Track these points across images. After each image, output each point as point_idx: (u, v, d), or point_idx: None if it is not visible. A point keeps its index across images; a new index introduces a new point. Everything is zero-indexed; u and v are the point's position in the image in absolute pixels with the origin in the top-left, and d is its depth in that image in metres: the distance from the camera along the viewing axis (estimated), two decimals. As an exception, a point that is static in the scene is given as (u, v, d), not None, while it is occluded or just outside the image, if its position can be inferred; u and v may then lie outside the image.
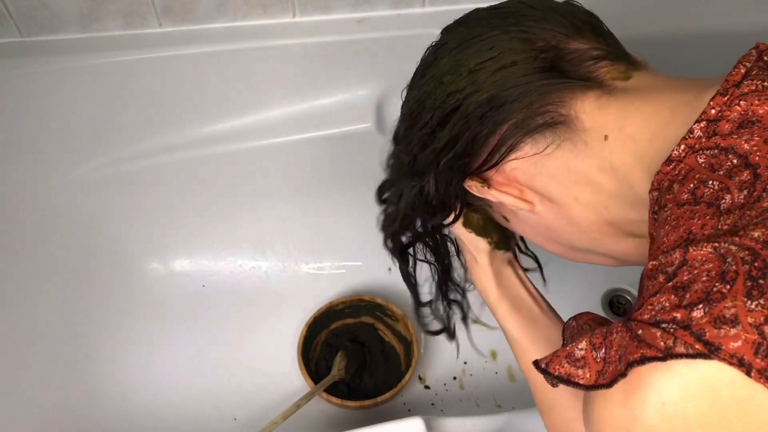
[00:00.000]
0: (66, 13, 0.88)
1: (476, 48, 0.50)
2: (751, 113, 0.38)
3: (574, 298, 1.02)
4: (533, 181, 0.51)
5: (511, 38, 0.49)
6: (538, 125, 0.48)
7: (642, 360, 0.33)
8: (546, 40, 0.49)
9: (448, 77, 0.51)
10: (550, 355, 0.41)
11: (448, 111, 0.51)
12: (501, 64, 0.49)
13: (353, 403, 0.91)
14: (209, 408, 0.95)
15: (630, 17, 0.97)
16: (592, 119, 0.47)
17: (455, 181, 0.54)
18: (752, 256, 0.32)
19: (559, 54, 0.48)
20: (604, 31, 0.52)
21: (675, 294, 0.33)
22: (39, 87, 0.91)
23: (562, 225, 0.52)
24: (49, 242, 0.97)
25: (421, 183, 0.55)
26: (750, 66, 0.41)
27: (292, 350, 0.98)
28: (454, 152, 0.52)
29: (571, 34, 0.49)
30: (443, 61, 0.52)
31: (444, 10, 0.94)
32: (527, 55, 0.48)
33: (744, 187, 0.36)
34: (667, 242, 0.37)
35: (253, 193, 1.05)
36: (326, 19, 0.93)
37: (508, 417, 0.75)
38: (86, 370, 0.95)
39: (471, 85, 0.49)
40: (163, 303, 1.04)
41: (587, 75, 0.48)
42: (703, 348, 0.30)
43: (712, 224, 0.35)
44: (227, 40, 0.92)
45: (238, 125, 0.99)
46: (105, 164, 0.98)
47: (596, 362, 0.37)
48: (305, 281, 1.08)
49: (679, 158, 0.40)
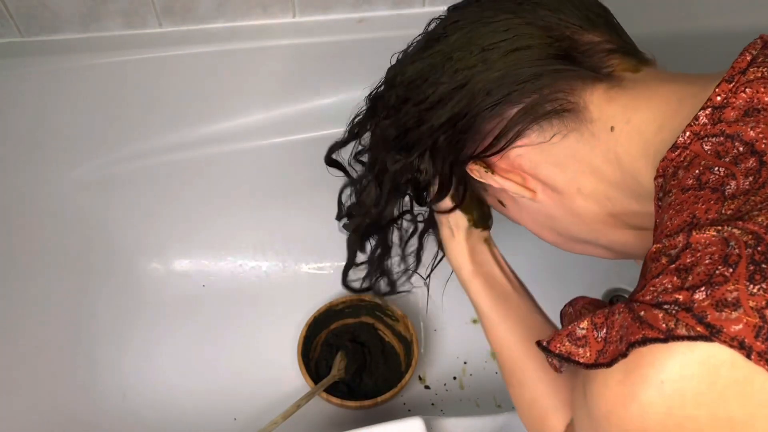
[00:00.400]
0: (66, 13, 0.88)
1: (491, 28, 0.49)
2: (756, 100, 0.38)
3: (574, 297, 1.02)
4: (537, 170, 0.50)
5: (527, 23, 0.49)
6: (546, 112, 0.48)
7: (643, 341, 0.33)
8: (561, 29, 0.49)
9: (458, 53, 0.49)
10: (552, 333, 0.41)
11: (454, 86, 0.49)
12: (516, 46, 0.48)
13: (353, 403, 0.91)
14: (209, 408, 0.95)
15: (630, 17, 0.97)
16: (600, 110, 0.47)
17: (454, 161, 0.53)
18: (755, 241, 0.32)
19: (573, 44, 0.48)
20: (617, 25, 0.52)
21: (677, 276, 0.33)
22: (39, 87, 0.91)
23: (563, 214, 0.52)
24: (48, 242, 0.97)
25: (408, 158, 0.54)
26: (756, 53, 0.41)
27: (292, 350, 0.98)
28: (453, 130, 0.50)
29: (586, 26, 0.49)
30: (454, 36, 0.51)
31: (444, 10, 0.94)
32: (542, 41, 0.48)
33: (750, 174, 0.36)
34: (671, 226, 0.37)
35: (253, 192, 1.05)
36: (326, 19, 0.93)
37: (508, 417, 0.75)
38: (86, 370, 0.95)
39: (482, 63, 0.48)
40: (163, 303, 1.04)
41: (599, 66, 0.48)
42: (705, 330, 0.31)
43: (716, 209, 0.36)
44: (227, 40, 0.92)
45: (239, 125, 0.98)
46: (105, 164, 0.98)
47: (597, 342, 0.37)
48: (305, 281, 1.08)
49: (684, 145, 0.40)
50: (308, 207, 1.06)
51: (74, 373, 0.94)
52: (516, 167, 0.51)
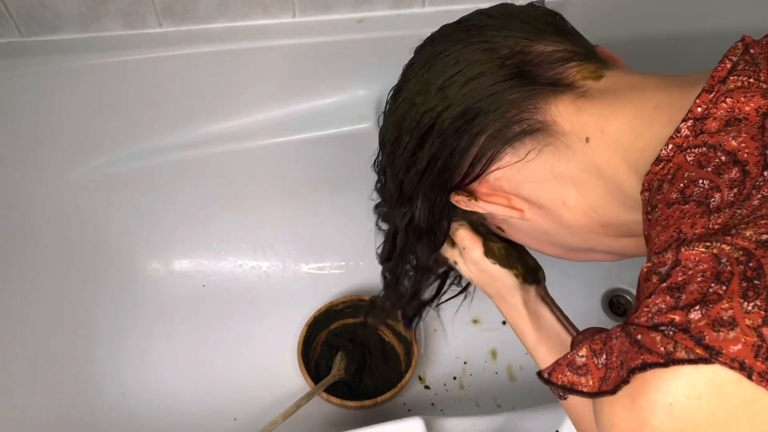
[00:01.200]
0: (66, 13, 0.88)
1: (442, 64, 0.50)
2: (737, 110, 0.38)
3: (574, 298, 1.02)
4: (519, 189, 0.51)
5: (474, 50, 0.49)
6: (515, 134, 0.48)
7: (643, 366, 0.32)
8: (509, 47, 0.49)
9: (419, 98, 0.51)
10: (552, 364, 0.40)
11: (424, 130, 0.51)
12: (468, 77, 0.48)
13: (353, 403, 0.91)
14: (209, 408, 0.95)
15: (630, 17, 0.97)
16: (570, 122, 0.46)
17: (441, 199, 0.54)
18: (746, 257, 0.32)
19: (524, 59, 0.48)
20: (568, 30, 0.52)
21: (670, 295, 0.33)
22: (39, 87, 0.91)
23: (555, 228, 0.52)
24: (48, 242, 0.97)
25: (411, 210, 0.55)
26: (736, 60, 0.40)
27: (292, 350, 0.98)
28: (435, 170, 0.51)
29: (533, 37, 0.49)
30: (412, 82, 0.52)
31: (444, 10, 0.94)
32: (492, 64, 0.48)
33: (734, 185, 0.36)
34: (659, 243, 0.37)
35: (253, 192, 1.05)
36: (326, 19, 0.93)
37: (508, 417, 0.75)
38: (86, 370, 0.95)
39: (442, 102, 0.49)
40: (163, 303, 1.04)
41: (556, 78, 0.48)
42: (704, 352, 0.30)
43: (703, 223, 0.35)
44: (227, 40, 0.92)
45: (239, 125, 0.98)
46: (105, 164, 0.98)
47: (598, 369, 0.37)
48: (305, 281, 1.08)
49: (668, 158, 0.40)
50: (308, 207, 1.06)
51: (74, 373, 0.94)
52: (498, 190, 0.52)
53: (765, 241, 0.32)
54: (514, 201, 0.52)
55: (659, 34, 0.96)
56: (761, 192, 0.34)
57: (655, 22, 0.96)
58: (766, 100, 0.37)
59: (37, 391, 0.88)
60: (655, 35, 0.96)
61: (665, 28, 0.96)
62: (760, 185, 0.35)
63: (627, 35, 0.96)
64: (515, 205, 0.52)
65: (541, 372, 0.41)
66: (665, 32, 0.96)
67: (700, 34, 0.95)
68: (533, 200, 0.51)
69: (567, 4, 0.99)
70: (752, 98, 0.37)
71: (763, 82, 0.38)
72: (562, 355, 0.40)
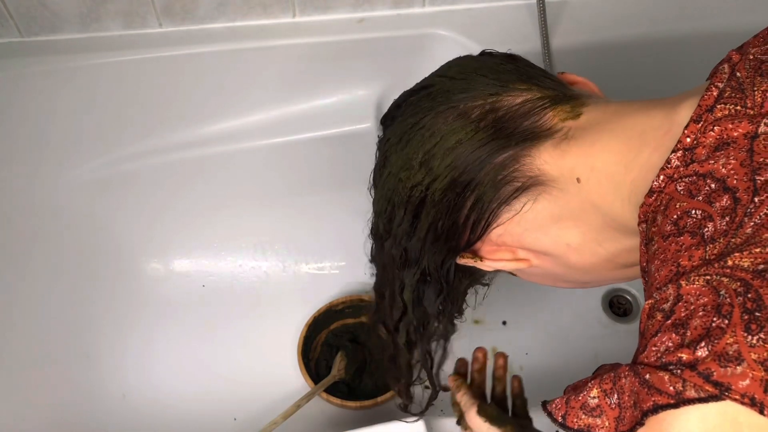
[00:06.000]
0: (66, 13, 0.88)
1: (418, 137, 0.50)
2: (726, 136, 0.38)
3: (575, 298, 1.02)
4: (522, 240, 0.51)
5: (446, 118, 0.49)
6: (509, 194, 0.48)
7: (655, 409, 0.33)
8: (479, 107, 0.48)
9: (404, 173, 0.50)
10: (562, 405, 0.40)
11: (416, 203, 0.51)
12: (447, 147, 0.48)
13: (353, 403, 0.91)
14: (209, 408, 0.95)
15: (630, 17, 0.97)
16: (558, 167, 0.46)
17: (448, 258, 0.54)
18: (744, 288, 0.32)
19: (496, 116, 0.48)
20: (531, 72, 0.51)
21: (675, 332, 0.33)
22: (39, 87, 0.91)
23: (565, 270, 0.52)
24: (48, 242, 0.97)
25: (420, 268, 0.55)
26: (722, 87, 0.40)
27: (292, 350, 0.98)
28: (437, 236, 0.52)
29: (500, 91, 0.49)
30: (392, 158, 0.51)
31: (444, 10, 0.93)
32: (467, 130, 0.48)
33: (726, 213, 0.36)
34: (659, 278, 0.37)
35: (253, 192, 1.05)
36: (326, 19, 0.93)
37: (508, 417, 0.75)
38: (86, 370, 0.95)
39: (427, 175, 0.49)
40: (163, 303, 1.04)
41: (533, 128, 0.47)
42: (714, 389, 0.30)
43: (699, 255, 0.35)
44: (227, 40, 0.92)
45: (239, 125, 0.99)
46: (105, 164, 0.98)
47: (612, 409, 0.37)
48: (305, 281, 1.08)
49: (660, 189, 0.40)
50: (308, 207, 1.06)
51: (74, 373, 0.94)
52: (501, 245, 0.52)
53: (761, 270, 0.32)
54: (519, 253, 0.52)
55: (659, 34, 0.96)
56: (753, 219, 0.34)
57: (655, 22, 0.97)
58: (753, 126, 0.37)
59: (37, 391, 0.88)
60: (655, 35, 0.96)
61: (665, 28, 0.96)
62: (752, 212, 0.35)
63: (627, 35, 0.96)
64: (520, 256, 0.52)
65: (552, 414, 0.41)
66: (665, 32, 0.96)
67: (699, 34, 0.96)
68: (537, 249, 0.51)
69: (567, 4, 0.99)
70: (739, 124, 0.37)
71: (750, 108, 0.38)
72: (572, 396, 0.40)
